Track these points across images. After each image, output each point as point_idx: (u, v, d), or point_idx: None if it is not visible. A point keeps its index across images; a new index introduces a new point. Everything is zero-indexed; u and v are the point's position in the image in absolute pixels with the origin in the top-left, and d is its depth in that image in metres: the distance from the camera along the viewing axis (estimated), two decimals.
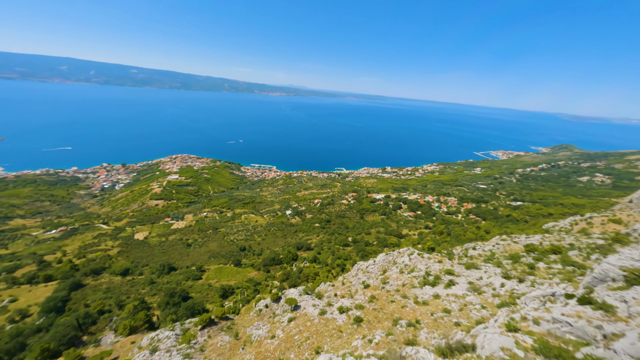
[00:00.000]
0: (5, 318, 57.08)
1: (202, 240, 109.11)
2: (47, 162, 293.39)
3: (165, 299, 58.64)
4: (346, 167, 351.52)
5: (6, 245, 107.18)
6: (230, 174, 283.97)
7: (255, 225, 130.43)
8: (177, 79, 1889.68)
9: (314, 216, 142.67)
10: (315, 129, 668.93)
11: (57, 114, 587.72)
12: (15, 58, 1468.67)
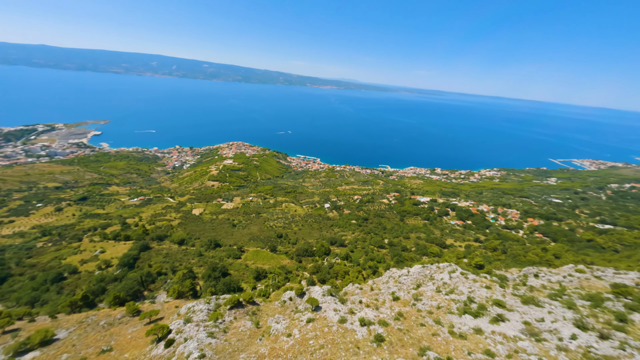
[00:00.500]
0: (95, 265, 70.70)
1: (246, 223, 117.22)
2: (137, 142, 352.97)
3: (208, 272, 64.54)
4: (391, 165, 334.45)
5: (103, 206, 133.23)
6: (277, 163, 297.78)
7: (293, 215, 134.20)
8: (239, 72, 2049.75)
9: (351, 212, 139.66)
10: (363, 124, 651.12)
11: (147, 102, 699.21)
12: (121, 56, 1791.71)
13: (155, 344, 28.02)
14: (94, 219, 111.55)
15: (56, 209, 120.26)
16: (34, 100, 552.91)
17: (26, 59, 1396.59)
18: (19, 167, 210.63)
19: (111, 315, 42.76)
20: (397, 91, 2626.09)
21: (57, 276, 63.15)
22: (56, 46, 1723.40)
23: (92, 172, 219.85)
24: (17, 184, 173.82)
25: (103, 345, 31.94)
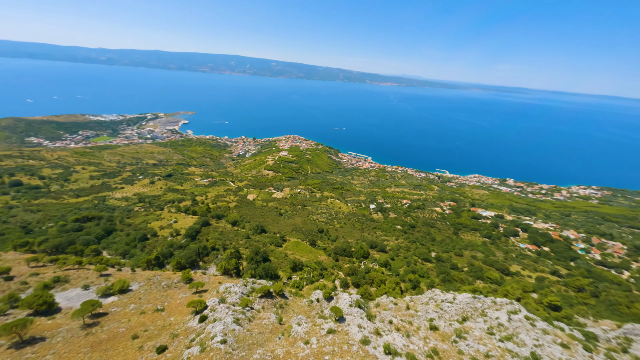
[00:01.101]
0: (169, 232, 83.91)
1: (291, 213, 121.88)
2: (213, 130, 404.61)
3: (251, 255, 69.13)
4: (450, 170, 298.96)
5: (182, 183, 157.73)
6: (328, 158, 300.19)
7: (337, 212, 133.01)
8: (302, 69, 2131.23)
9: (398, 217, 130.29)
10: (422, 124, 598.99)
11: (224, 96, 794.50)
12: (208, 57, 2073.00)
13: (193, 315, 30.81)
14: (174, 193, 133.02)
15: (150, 182, 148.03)
16: (147, 94, 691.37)
17: (145, 61, 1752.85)
18: (133, 146, 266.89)
19: (171, 278, 49.78)
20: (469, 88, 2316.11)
21: (143, 236, 77.27)
22: (165, 51, 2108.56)
23: (178, 154, 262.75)
24: (130, 159, 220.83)
25: (159, 304, 37.01)
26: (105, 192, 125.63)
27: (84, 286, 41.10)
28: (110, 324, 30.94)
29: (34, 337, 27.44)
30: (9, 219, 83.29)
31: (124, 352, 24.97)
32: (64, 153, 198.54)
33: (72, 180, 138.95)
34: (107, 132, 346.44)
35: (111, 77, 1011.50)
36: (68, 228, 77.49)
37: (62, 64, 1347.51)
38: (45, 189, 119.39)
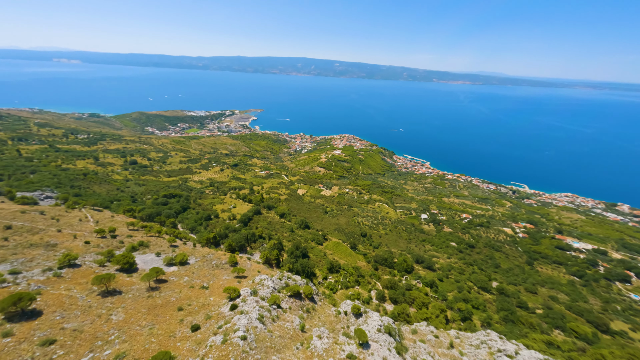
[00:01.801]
0: (227, 215, 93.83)
1: (336, 212, 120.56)
2: (276, 127, 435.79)
3: (292, 248, 70.84)
4: (531, 185, 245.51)
5: (244, 173, 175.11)
6: (382, 160, 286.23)
7: (384, 217, 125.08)
8: (364, 69, 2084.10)
9: (453, 232, 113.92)
10: (497, 128, 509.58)
11: (289, 95, 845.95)
12: (278, 60, 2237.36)
13: (227, 301, 32.67)
14: (237, 181, 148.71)
15: (220, 169, 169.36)
16: (228, 93, 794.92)
17: (229, 66, 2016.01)
18: (212, 138, 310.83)
19: (221, 258, 55.07)
20: (570, 86, 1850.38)
21: (208, 216, 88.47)
22: (244, 56, 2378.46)
23: (245, 146, 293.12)
24: (209, 148, 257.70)
25: (205, 282, 40.98)
26: (188, 174, 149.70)
27: (157, 253, 49.21)
28: (166, 292, 35.63)
29: (115, 289, 33.69)
30: (125, 189, 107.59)
31: (168, 322, 28.07)
32: (166, 140, 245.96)
33: (168, 163, 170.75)
34: (197, 125, 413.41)
35: (203, 80, 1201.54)
36: (158, 201, 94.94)
37: (173, 70, 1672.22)
38: (150, 168, 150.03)
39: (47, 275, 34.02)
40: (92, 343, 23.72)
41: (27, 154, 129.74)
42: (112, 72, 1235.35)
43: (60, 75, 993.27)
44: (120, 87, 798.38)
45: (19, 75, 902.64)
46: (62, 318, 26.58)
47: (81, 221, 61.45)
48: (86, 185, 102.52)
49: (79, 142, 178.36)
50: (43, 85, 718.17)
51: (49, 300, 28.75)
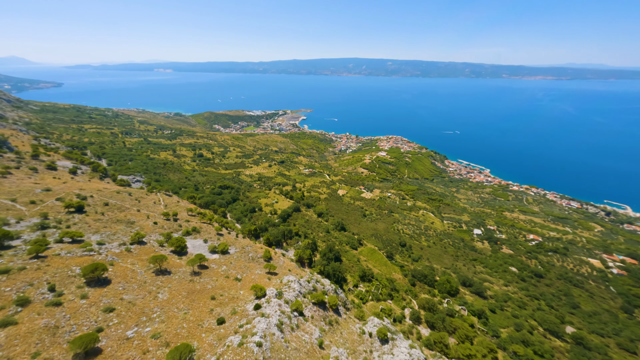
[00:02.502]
0: (269, 209, 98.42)
1: (375, 217, 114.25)
2: (323, 126, 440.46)
3: (325, 250, 69.53)
4: (636, 208, 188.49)
5: (289, 170, 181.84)
6: (431, 164, 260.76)
7: (428, 227, 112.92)
8: (419, 67, 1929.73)
9: (515, 255, 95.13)
10: (590, 133, 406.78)
11: (337, 96, 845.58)
12: (330, 62, 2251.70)
13: (253, 299, 33.16)
14: (282, 177, 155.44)
15: (269, 165, 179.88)
16: (282, 94, 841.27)
17: (285, 69, 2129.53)
18: (265, 135, 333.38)
19: (257, 252, 57.49)
20: None
21: (252, 209, 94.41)
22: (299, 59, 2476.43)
23: (293, 145, 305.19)
24: (262, 145, 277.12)
25: (239, 273, 42.93)
26: (241, 168, 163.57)
27: (204, 239, 54.25)
28: (205, 278, 38.44)
29: (166, 269, 37.89)
30: (191, 178, 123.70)
31: (200, 309, 29.87)
32: (227, 137, 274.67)
33: (226, 157, 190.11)
34: (253, 124, 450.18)
35: (262, 83, 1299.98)
36: (215, 191, 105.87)
37: (238, 75, 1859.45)
38: (212, 161, 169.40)
39: (121, 249, 40.51)
40: (139, 318, 26.68)
41: (129, 145, 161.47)
42: (193, 79, 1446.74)
43: (158, 82, 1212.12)
44: (197, 90, 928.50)
45: (132, 83, 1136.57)
46: (123, 289, 30.94)
47: (155, 204, 72.62)
48: (164, 172, 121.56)
49: (164, 136, 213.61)
50: (146, 90, 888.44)
51: (117, 271, 33.92)
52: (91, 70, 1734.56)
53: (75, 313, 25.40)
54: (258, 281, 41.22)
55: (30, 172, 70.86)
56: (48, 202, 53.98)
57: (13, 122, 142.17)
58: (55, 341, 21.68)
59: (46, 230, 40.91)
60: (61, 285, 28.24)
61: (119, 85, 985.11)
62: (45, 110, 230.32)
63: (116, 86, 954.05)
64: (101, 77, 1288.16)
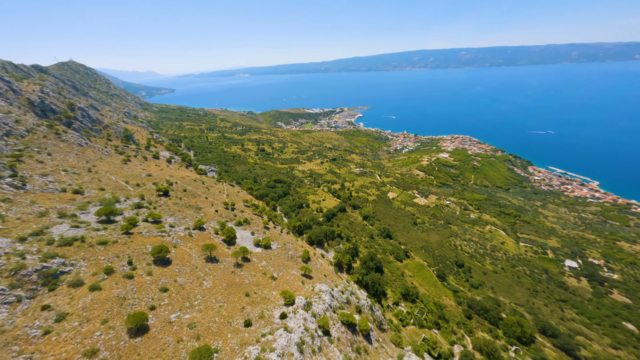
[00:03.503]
0: (316, 207, 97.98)
1: (428, 227, 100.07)
2: (380, 124, 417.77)
3: (367, 257, 64.29)
4: None
5: (340, 167, 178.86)
6: (507, 170, 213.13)
7: (496, 247, 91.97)
8: (502, 54, 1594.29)
9: (634, 307, 67.33)
10: None
11: (397, 92, 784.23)
12: (392, 57, 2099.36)
13: (281, 305, 32.15)
14: (332, 175, 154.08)
15: (321, 162, 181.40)
16: (341, 92, 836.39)
17: (346, 67, 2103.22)
18: (321, 132, 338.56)
19: (297, 250, 57.37)
20: None
21: (300, 205, 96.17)
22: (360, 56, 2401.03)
23: (347, 142, 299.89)
24: (317, 141, 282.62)
25: (276, 272, 43.16)
26: (295, 164, 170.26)
27: (252, 232, 57.32)
28: (245, 272, 39.94)
29: (215, 257, 41.06)
30: (252, 171, 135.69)
31: (233, 305, 30.65)
32: (287, 133, 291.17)
33: (284, 152, 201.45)
34: (311, 121, 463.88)
35: (323, 82, 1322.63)
36: (270, 184, 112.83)
37: (302, 75, 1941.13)
38: (271, 156, 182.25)
39: (185, 232, 46.20)
40: (183, 303, 29.04)
41: (211, 139, 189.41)
42: (264, 81, 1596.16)
43: (237, 85, 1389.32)
44: (267, 91, 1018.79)
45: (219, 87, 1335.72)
46: (178, 271, 34.67)
47: (220, 192, 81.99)
48: (233, 164, 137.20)
49: (237, 132, 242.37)
50: (228, 92, 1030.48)
51: (177, 254, 38.45)
52: (193, 78, 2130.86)
53: (140, 288, 29.50)
54: (292, 283, 40.46)
55: (142, 159, 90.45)
56: (147, 185, 67.10)
57: (140, 120, 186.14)
58: (120, 312, 25.31)
59: (139, 209, 50.49)
60: (136, 261, 33.52)
61: (210, 89, 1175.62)
62: (161, 111, 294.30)
63: (208, 90, 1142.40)
64: (199, 83, 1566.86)
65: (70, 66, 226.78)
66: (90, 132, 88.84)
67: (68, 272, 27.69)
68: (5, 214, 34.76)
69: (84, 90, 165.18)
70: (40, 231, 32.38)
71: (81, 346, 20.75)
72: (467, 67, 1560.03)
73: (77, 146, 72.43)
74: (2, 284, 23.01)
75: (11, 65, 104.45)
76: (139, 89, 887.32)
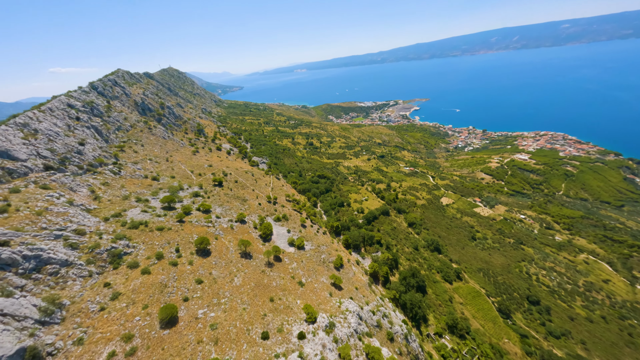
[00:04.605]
0: (357, 207, 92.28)
1: (491, 245, 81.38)
2: (439, 118, 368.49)
3: (407, 273, 56.19)
4: None
5: (387, 165, 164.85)
6: (623, 181, 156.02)
7: (596, 285, 67.81)
8: (631, 22, 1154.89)
9: None
10: None
11: (464, 81, 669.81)
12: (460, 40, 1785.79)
13: (302, 320, 29.58)
14: (378, 173, 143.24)
15: (367, 159, 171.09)
16: (397, 84, 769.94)
17: (404, 56, 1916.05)
18: (371, 127, 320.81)
19: (331, 254, 54.05)
20: None
21: (341, 203, 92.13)
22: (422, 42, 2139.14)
23: (399, 137, 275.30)
24: (366, 136, 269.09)
25: (304, 277, 41.04)
26: (341, 159, 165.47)
27: (288, 229, 56.82)
28: (274, 273, 39.14)
29: (249, 253, 41.67)
30: (299, 164, 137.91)
31: (256, 310, 29.77)
32: (336, 127, 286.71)
33: (331, 146, 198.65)
34: (362, 115, 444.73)
35: (378, 73, 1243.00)
36: (313, 179, 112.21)
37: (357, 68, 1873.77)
38: (319, 150, 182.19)
39: (228, 224, 48.66)
40: (211, 299, 29.67)
41: (266, 132, 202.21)
42: (319, 75, 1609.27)
43: (294, 80, 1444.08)
44: (321, 85, 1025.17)
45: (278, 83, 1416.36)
46: (215, 264, 36.16)
47: (266, 185, 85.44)
48: (282, 157, 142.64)
49: (289, 126, 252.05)
50: (286, 87, 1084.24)
51: (217, 246, 40.38)
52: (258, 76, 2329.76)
53: (180, 276, 31.64)
54: (318, 293, 37.63)
55: (207, 151, 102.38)
56: (207, 175, 74.87)
57: (212, 115, 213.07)
58: (159, 299, 27.30)
59: (196, 198, 56.09)
60: (183, 249, 36.42)
61: (271, 86, 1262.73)
62: (230, 106, 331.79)
63: (269, 86, 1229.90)
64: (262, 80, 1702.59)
65: (168, 71, 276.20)
66: (173, 126, 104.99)
67: (129, 254, 31.59)
68: (102, 196, 42.80)
69: (175, 91, 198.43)
70: (119, 213, 38.39)
71: (122, 329, 22.69)
72: (570, 43, 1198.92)
73: (161, 139, 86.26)
74: (82, 260, 27.33)
75: (128, 74, 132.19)
76: (216, 87, 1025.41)
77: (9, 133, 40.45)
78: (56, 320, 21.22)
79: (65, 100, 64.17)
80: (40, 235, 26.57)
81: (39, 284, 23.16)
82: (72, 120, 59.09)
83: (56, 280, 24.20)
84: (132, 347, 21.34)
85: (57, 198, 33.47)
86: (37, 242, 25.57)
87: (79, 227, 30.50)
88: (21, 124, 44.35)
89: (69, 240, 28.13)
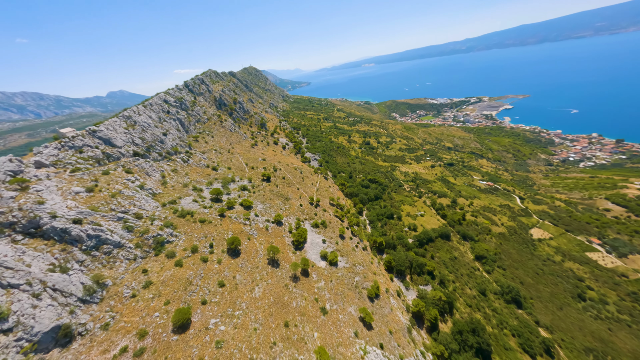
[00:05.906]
0: (409, 223, 79.23)
1: (614, 314, 54.13)
2: (541, 121, 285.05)
3: (466, 326, 42.94)
4: None
5: (456, 176, 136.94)
6: None
7: None
8: None
9: None
10: None
11: (592, 71, 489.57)
12: (591, 15, 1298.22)
13: None
14: (443, 183, 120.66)
15: (431, 165, 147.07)
16: (484, 77, 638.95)
17: (501, 42, 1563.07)
18: (441, 128, 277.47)
19: (367, 277, 46.33)
20: None
21: (390, 215, 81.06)
22: (528, 24, 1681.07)
23: (477, 142, 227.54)
24: (433, 139, 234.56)
25: (329, 303, 35.77)
26: (399, 163, 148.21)
27: (323, 239, 52.10)
28: (297, 290, 35.51)
29: (276, 261, 39.46)
30: (351, 165, 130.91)
31: (266, 334, 26.72)
32: (398, 126, 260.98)
33: (390, 148, 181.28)
34: (433, 113, 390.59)
35: (460, 64, 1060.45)
36: (363, 183, 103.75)
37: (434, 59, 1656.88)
38: (375, 150, 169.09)
39: (264, 225, 47.99)
40: (228, 307, 28.35)
41: (323, 128, 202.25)
42: (389, 69, 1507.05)
43: (361, 75, 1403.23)
44: (389, 80, 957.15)
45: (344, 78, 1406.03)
46: (241, 267, 35.33)
47: (312, 185, 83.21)
48: (335, 155, 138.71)
49: (348, 122, 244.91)
50: (351, 83, 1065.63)
51: (247, 247, 39.75)
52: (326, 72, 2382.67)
53: (206, 275, 31.85)
54: (341, 330, 31.77)
55: (265, 144, 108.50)
56: (259, 169, 78.29)
57: (277, 110, 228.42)
58: (181, 297, 27.65)
59: (242, 192, 58.55)
60: (216, 245, 37.12)
61: (336, 81, 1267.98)
62: (295, 101, 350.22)
63: (335, 82, 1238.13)
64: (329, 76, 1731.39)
65: (248, 70, 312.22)
66: (241, 119, 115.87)
67: (171, 242, 33.84)
68: (169, 182, 48.90)
69: (250, 87, 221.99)
70: (174, 200, 42.52)
71: (141, 322, 23.37)
72: None
73: (228, 131, 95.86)
74: (132, 242, 30.33)
75: (215, 73, 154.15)
76: (287, 83, 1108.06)
77: (117, 124, 50.53)
78: (95, 300, 23.33)
79: (163, 97, 77.96)
80: (107, 215, 30.73)
81: (95, 261, 26.34)
82: (164, 114, 71.10)
83: (108, 259, 27.20)
84: (142, 346, 21.44)
85: (132, 182, 39.06)
86: (102, 222, 29.50)
87: (139, 211, 34.38)
88: (126, 116, 55.15)
89: (128, 222, 31.76)
